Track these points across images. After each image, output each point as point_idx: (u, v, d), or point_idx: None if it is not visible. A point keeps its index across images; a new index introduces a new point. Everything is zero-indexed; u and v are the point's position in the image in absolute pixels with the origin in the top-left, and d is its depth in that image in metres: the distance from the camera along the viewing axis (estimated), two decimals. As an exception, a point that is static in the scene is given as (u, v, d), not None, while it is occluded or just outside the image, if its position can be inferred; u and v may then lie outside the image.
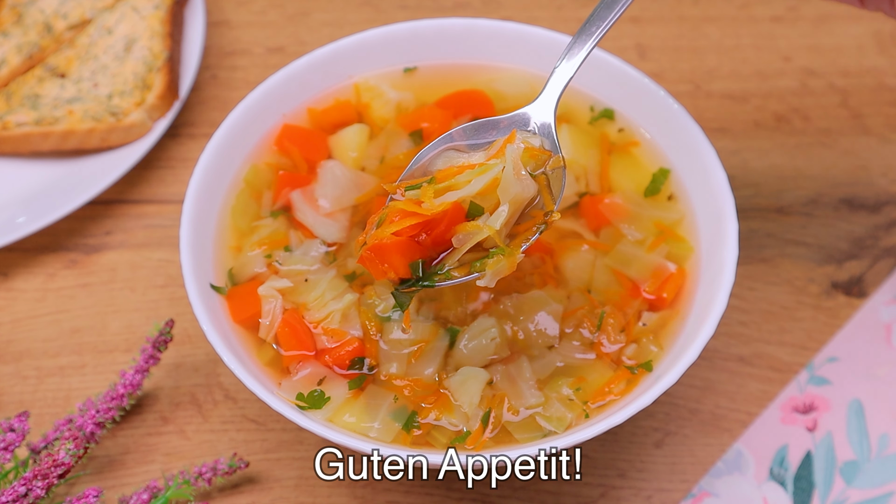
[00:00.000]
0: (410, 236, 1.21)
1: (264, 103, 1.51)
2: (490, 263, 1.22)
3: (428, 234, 1.22)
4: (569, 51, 1.32)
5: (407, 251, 1.22)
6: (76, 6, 1.82)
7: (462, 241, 1.23)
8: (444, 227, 1.22)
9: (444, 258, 1.24)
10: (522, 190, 1.24)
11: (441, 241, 1.23)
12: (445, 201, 1.22)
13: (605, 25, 1.31)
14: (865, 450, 1.51)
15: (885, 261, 1.66)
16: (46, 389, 1.57)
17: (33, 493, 1.34)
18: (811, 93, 1.82)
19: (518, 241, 1.25)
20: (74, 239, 1.70)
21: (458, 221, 1.22)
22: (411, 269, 1.23)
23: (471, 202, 1.23)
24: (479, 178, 1.23)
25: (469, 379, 1.34)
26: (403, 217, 1.22)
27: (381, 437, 1.32)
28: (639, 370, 1.36)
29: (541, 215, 1.27)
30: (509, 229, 1.26)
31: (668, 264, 1.42)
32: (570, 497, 1.48)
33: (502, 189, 1.23)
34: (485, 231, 1.21)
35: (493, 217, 1.22)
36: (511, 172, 1.23)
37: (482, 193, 1.23)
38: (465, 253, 1.23)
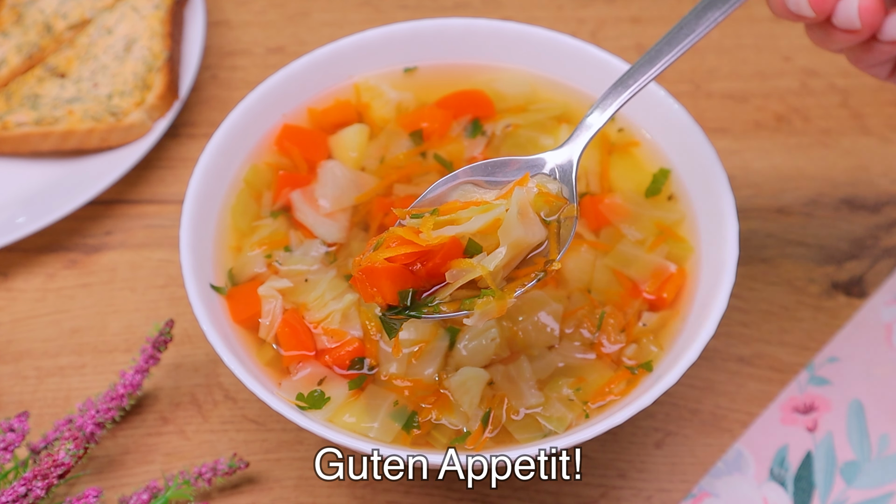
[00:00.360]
0: (405, 264, 1.19)
1: (264, 103, 1.51)
2: (479, 304, 1.20)
3: (423, 264, 1.20)
4: (602, 101, 1.30)
5: (398, 278, 1.20)
6: (76, 6, 1.82)
7: (455, 277, 1.20)
8: (439, 261, 1.19)
9: (436, 291, 1.22)
10: (526, 234, 1.22)
11: (435, 273, 1.21)
12: (443, 235, 1.19)
13: (643, 80, 1.29)
14: (866, 450, 1.51)
15: (886, 261, 1.66)
16: (46, 389, 1.57)
17: (33, 494, 1.34)
18: (811, 93, 1.82)
19: (514, 285, 1.23)
20: (74, 239, 1.70)
21: (455, 257, 1.20)
22: (400, 297, 1.21)
23: (469, 239, 1.20)
24: (479, 217, 1.21)
25: (469, 379, 1.34)
26: (400, 244, 1.19)
27: (380, 437, 1.32)
28: (639, 370, 1.36)
29: (542, 262, 1.24)
30: (508, 272, 1.23)
31: (668, 264, 1.42)
32: (570, 497, 1.48)
33: (503, 231, 1.21)
34: (478, 270, 1.19)
35: (489, 258, 1.20)
36: (514, 215, 1.21)
37: (483, 232, 1.21)
38: (458, 289, 1.21)
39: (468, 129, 1.53)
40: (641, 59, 1.29)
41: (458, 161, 1.50)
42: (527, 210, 1.23)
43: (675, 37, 1.28)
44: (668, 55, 1.28)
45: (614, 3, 1.92)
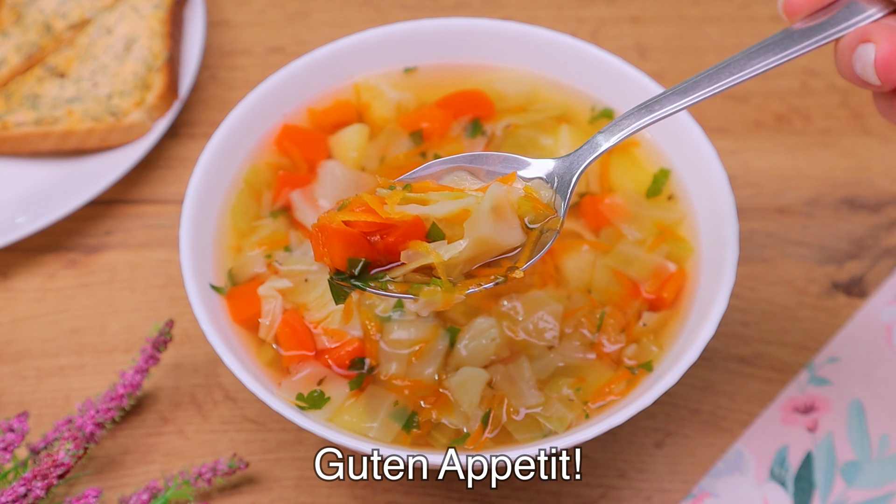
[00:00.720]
0: (363, 232, 1.15)
1: (264, 103, 1.51)
2: (426, 291, 1.15)
3: (382, 237, 1.15)
4: (621, 120, 1.23)
5: (352, 244, 1.15)
6: (76, 6, 1.82)
7: (409, 258, 1.16)
8: (398, 238, 1.15)
9: (390, 269, 1.17)
10: (494, 233, 1.16)
11: (393, 250, 1.16)
12: (405, 213, 1.15)
13: (669, 109, 1.21)
14: (866, 450, 1.51)
15: (886, 261, 1.66)
16: (46, 389, 1.57)
17: (33, 494, 1.34)
18: (812, 93, 1.82)
19: (470, 282, 1.18)
20: (74, 239, 1.70)
21: (415, 237, 1.16)
22: (349, 263, 1.16)
23: (434, 223, 1.16)
24: (447, 203, 1.16)
25: (469, 379, 1.34)
26: (363, 211, 1.15)
27: (380, 437, 1.32)
28: (639, 370, 1.36)
29: (504, 267, 1.19)
30: (470, 267, 1.19)
31: (668, 264, 1.42)
32: (570, 497, 1.48)
33: (469, 223, 1.15)
34: (431, 257, 1.15)
35: (447, 247, 1.15)
36: (485, 210, 1.15)
37: (450, 220, 1.16)
38: (413, 271, 1.16)
39: (468, 129, 1.53)
40: (675, 87, 1.22)
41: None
42: (504, 209, 1.17)
43: (717, 73, 1.20)
44: (704, 90, 1.20)
45: (614, 3, 1.92)
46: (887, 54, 1.15)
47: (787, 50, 1.21)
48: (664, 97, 1.22)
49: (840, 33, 1.19)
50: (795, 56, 1.21)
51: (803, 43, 1.20)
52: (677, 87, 1.21)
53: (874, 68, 1.17)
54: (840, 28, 1.19)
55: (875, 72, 1.17)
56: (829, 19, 1.20)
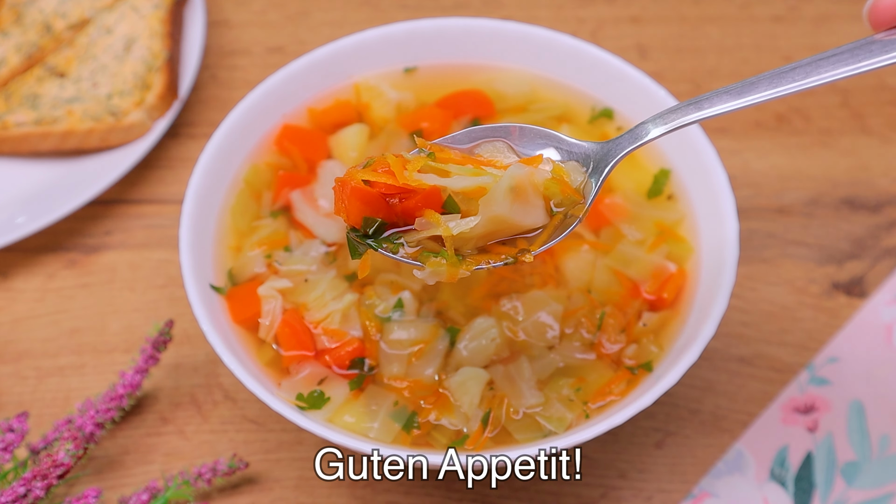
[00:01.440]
0: (381, 193, 1.15)
1: (264, 103, 1.51)
2: (432, 262, 1.15)
3: (401, 200, 1.15)
4: (669, 113, 1.17)
5: (370, 204, 1.15)
6: (76, 6, 1.81)
7: (421, 227, 1.16)
8: (415, 204, 1.15)
9: (406, 232, 1.17)
10: (511, 213, 1.15)
11: (410, 214, 1.16)
12: (423, 181, 1.15)
13: (720, 108, 1.14)
14: (866, 450, 1.51)
15: (886, 261, 1.66)
16: (46, 390, 1.57)
17: (33, 494, 1.34)
18: (811, 93, 1.82)
19: (480, 258, 1.17)
20: (74, 239, 1.69)
21: (431, 206, 1.15)
22: (364, 222, 1.16)
23: (449, 195, 1.15)
24: (464, 178, 1.16)
25: (469, 379, 1.34)
26: (385, 173, 1.15)
27: (380, 437, 1.32)
28: (639, 370, 1.36)
29: (519, 247, 1.18)
30: (485, 242, 1.18)
31: (668, 264, 1.42)
32: (570, 497, 1.48)
33: (485, 201, 1.15)
34: (440, 230, 1.15)
35: (458, 222, 1.15)
36: (502, 190, 1.14)
37: (468, 195, 1.16)
38: (426, 238, 1.16)
39: (468, 129, 1.52)
40: (730, 86, 1.15)
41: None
42: (524, 190, 1.16)
43: (779, 76, 1.13)
44: (762, 93, 1.13)
45: (614, 3, 1.92)
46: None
47: (860, 62, 1.11)
48: (716, 95, 1.15)
49: None
50: (870, 69, 1.10)
51: (881, 57, 1.10)
52: (732, 87, 1.15)
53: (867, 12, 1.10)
54: None
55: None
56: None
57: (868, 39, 1.12)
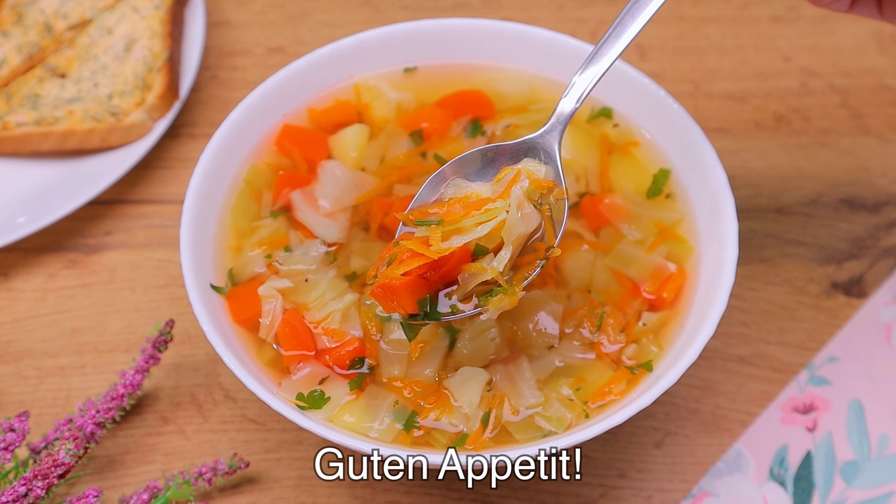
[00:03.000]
0: (419, 276, 1.25)
1: (264, 103, 1.51)
2: (493, 301, 1.26)
3: (435, 271, 1.26)
4: (574, 83, 1.33)
5: (415, 289, 1.26)
6: (76, 6, 1.82)
7: (467, 280, 1.27)
8: (450, 267, 1.26)
9: (451, 291, 1.28)
10: (526, 228, 1.27)
11: (448, 277, 1.27)
12: (452, 245, 1.25)
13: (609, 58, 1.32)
14: (865, 450, 1.51)
15: (885, 261, 1.66)
16: (46, 389, 1.57)
17: (33, 493, 1.34)
18: (811, 93, 1.82)
19: (520, 275, 1.28)
20: (74, 239, 1.70)
21: (465, 261, 1.26)
22: (419, 305, 1.27)
23: (476, 244, 1.26)
24: (485, 225, 1.26)
25: (469, 379, 1.34)
26: (412, 257, 1.25)
27: (381, 437, 1.32)
28: (639, 370, 1.36)
29: (543, 249, 1.29)
30: (513, 262, 1.28)
31: (668, 264, 1.42)
32: (570, 497, 1.48)
33: (507, 231, 1.26)
34: (489, 273, 1.25)
35: (497, 259, 1.26)
36: (515, 215, 1.26)
37: (489, 237, 1.26)
38: (473, 287, 1.27)
39: (468, 129, 1.53)
40: (603, 37, 1.32)
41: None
42: (523, 205, 1.27)
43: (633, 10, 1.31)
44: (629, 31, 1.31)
45: (614, 3, 1.92)
46: None
47: None
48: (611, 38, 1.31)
49: None
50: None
51: None
52: (605, 38, 1.31)
53: None
54: None
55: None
56: None
57: None
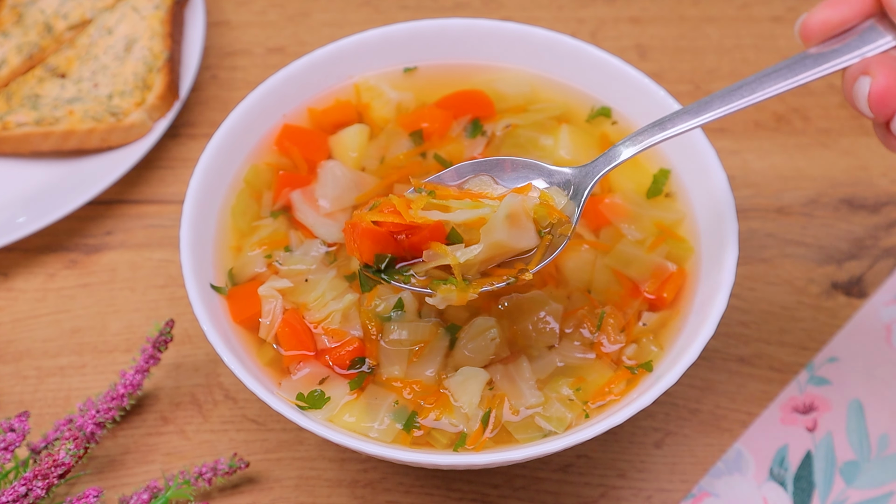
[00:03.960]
0: (390, 231, 1.24)
1: (264, 103, 1.51)
2: (443, 289, 1.25)
3: (408, 236, 1.25)
4: (637, 134, 1.29)
5: (380, 242, 1.25)
6: (76, 6, 1.82)
7: (429, 258, 1.25)
8: (421, 238, 1.24)
9: (413, 264, 1.27)
10: (509, 239, 1.25)
11: (418, 248, 1.26)
12: (428, 217, 1.24)
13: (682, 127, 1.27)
14: (865, 450, 1.51)
15: (885, 261, 1.66)
16: (46, 389, 1.57)
17: (33, 493, 1.34)
18: (811, 93, 1.82)
19: (484, 281, 1.27)
20: (74, 239, 1.70)
21: (437, 239, 1.25)
22: (376, 259, 1.26)
23: (453, 227, 1.25)
24: (465, 211, 1.25)
25: (469, 379, 1.34)
26: (391, 212, 1.24)
27: (381, 437, 1.32)
28: (639, 370, 1.36)
29: (517, 268, 1.28)
30: (486, 267, 1.27)
31: (668, 264, 1.42)
32: (570, 497, 1.48)
33: (485, 230, 1.24)
34: (448, 259, 1.24)
35: (464, 251, 1.24)
36: (500, 219, 1.24)
37: (468, 225, 1.25)
38: (433, 268, 1.26)
39: (468, 129, 1.53)
40: (689, 106, 1.28)
41: (458, 161, 1.50)
42: (519, 217, 1.25)
43: (729, 94, 1.26)
44: (716, 110, 1.26)
45: (614, 3, 1.92)
46: (881, 88, 1.19)
47: (798, 75, 1.25)
48: (677, 115, 1.28)
49: (850, 62, 1.23)
50: (807, 81, 1.25)
51: (815, 69, 1.25)
52: (690, 107, 1.27)
53: (867, 101, 1.20)
54: (851, 56, 1.23)
55: (868, 105, 1.20)
56: (843, 47, 1.24)
57: (802, 54, 1.25)
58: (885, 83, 1.19)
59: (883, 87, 1.19)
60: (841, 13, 1.23)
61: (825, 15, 1.24)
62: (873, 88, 1.19)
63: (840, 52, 1.24)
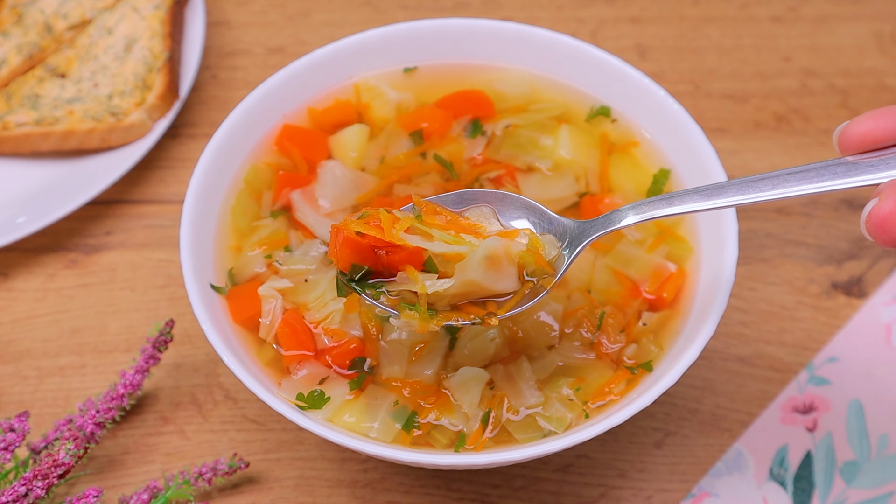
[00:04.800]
0: (371, 244, 1.24)
1: (264, 103, 1.51)
2: (406, 314, 1.24)
3: (388, 254, 1.24)
4: (642, 204, 1.24)
5: (360, 253, 1.24)
6: (76, 6, 1.82)
7: (401, 281, 1.25)
8: (399, 259, 1.24)
9: (386, 282, 1.26)
10: (484, 279, 1.23)
11: (395, 268, 1.25)
12: (407, 242, 1.23)
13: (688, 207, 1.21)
14: (865, 450, 1.51)
15: (885, 261, 1.66)
16: (46, 389, 1.57)
17: (33, 493, 1.34)
18: (811, 93, 1.82)
19: (449, 315, 1.26)
20: (74, 239, 1.70)
21: (413, 263, 1.24)
22: (351, 269, 1.25)
23: (430, 256, 1.24)
24: (444, 245, 1.24)
25: (469, 379, 1.34)
26: (375, 227, 1.24)
27: (381, 437, 1.32)
28: (639, 370, 1.36)
29: (488, 310, 1.26)
30: (459, 301, 1.26)
31: (668, 264, 1.42)
32: (570, 497, 1.48)
33: (460, 267, 1.23)
34: (416, 287, 1.23)
35: (434, 282, 1.23)
36: (477, 259, 1.22)
37: (446, 258, 1.24)
38: (405, 290, 1.25)
39: (468, 129, 1.53)
40: (701, 187, 1.21)
41: (458, 161, 1.50)
42: (499, 260, 1.24)
43: (747, 185, 1.18)
44: (729, 197, 1.18)
45: (614, 3, 1.92)
46: (883, 213, 1.11)
47: (826, 181, 1.16)
48: (687, 195, 1.21)
49: (882, 179, 1.15)
50: (832, 190, 1.16)
51: (844, 179, 1.16)
52: (703, 188, 1.20)
53: (865, 222, 1.13)
54: (881, 175, 1.15)
55: (865, 226, 1.13)
56: (877, 162, 1.15)
57: (836, 161, 1.16)
58: (889, 209, 1.10)
59: (886, 213, 1.10)
60: (885, 127, 1.15)
61: (867, 126, 1.15)
62: (874, 211, 1.11)
63: (876, 167, 1.15)
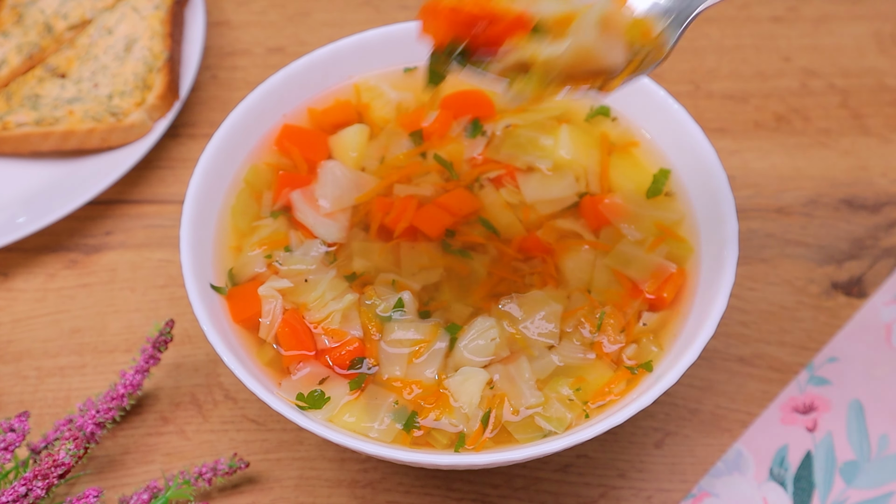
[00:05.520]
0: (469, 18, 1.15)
1: (264, 103, 1.51)
2: (519, 80, 1.16)
3: (486, 29, 1.15)
4: None
5: (459, 26, 1.16)
6: (76, 6, 1.82)
7: (506, 52, 1.16)
8: (502, 30, 1.15)
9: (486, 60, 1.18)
10: (596, 46, 1.14)
11: (496, 43, 1.16)
12: (512, 7, 1.14)
13: None
14: (865, 450, 1.51)
15: (885, 261, 1.66)
16: (46, 389, 1.57)
17: (33, 494, 1.34)
18: (811, 93, 1.82)
19: (563, 84, 1.17)
20: (74, 239, 1.70)
21: (518, 32, 1.15)
22: (448, 48, 1.17)
23: (538, 21, 1.15)
24: (553, 3, 1.15)
25: (469, 379, 1.34)
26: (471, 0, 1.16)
27: (381, 437, 1.32)
28: (639, 370, 1.36)
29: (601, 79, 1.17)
30: (564, 76, 1.17)
31: (668, 264, 1.42)
32: (570, 497, 1.48)
33: (575, 29, 1.14)
34: (529, 51, 1.14)
35: (547, 45, 1.13)
36: (592, 19, 1.13)
37: (556, 22, 1.15)
38: (510, 65, 1.16)
39: (468, 129, 1.53)
40: None
41: (458, 161, 1.50)
42: (612, 25, 1.15)
43: None
44: None
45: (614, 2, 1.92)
46: None
47: None
48: None
49: None
50: None
51: None
52: None
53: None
54: None
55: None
56: None
57: None
58: None
59: None
60: None
61: None
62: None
63: None
